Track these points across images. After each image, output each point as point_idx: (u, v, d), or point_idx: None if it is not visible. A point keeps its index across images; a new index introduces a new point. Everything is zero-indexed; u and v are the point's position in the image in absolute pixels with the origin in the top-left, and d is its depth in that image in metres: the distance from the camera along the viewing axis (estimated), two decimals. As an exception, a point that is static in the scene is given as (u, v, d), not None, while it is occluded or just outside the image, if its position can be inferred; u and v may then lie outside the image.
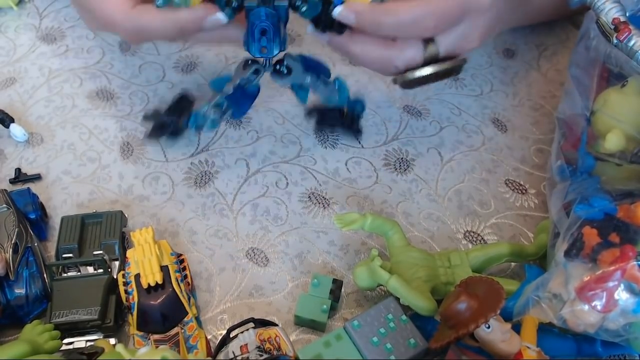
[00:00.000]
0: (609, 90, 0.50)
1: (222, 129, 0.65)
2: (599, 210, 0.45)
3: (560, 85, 0.69)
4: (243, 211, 0.58)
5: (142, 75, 0.70)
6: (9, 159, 0.62)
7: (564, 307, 0.42)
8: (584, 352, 0.44)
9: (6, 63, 0.71)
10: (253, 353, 0.45)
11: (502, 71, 0.71)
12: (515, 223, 0.58)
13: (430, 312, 0.47)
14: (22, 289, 0.50)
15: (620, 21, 0.48)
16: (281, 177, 0.61)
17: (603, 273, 0.42)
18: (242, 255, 0.56)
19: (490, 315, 0.40)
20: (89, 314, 0.48)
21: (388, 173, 0.62)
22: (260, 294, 0.53)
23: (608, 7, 0.49)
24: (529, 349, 0.41)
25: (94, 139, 0.64)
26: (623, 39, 0.48)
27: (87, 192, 0.60)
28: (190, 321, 0.49)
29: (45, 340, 0.45)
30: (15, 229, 0.51)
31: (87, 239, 0.54)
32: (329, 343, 0.46)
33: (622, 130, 0.48)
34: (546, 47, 0.74)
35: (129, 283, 0.50)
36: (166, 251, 0.52)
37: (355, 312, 0.52)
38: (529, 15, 0.69)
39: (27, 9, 0.77)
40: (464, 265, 0.51)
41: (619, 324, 0.42)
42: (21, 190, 0.56)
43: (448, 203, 0.59)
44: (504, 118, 0.67)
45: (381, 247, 0.56)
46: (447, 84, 0.69)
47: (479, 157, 0.63)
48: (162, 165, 0.62)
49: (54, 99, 0.68)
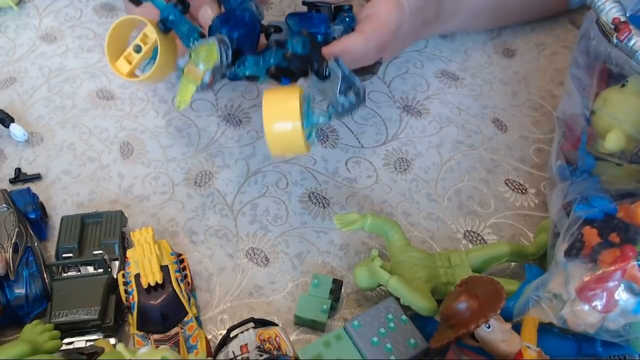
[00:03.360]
0: (609, 90, 0.50)
1: (222, 128, 0.65)
2: (599, 210, 0.45)
3: (560, 85, 0.69)
4: (243, 211, 0.58)
5: (142, 75, 0.70)
6: (9, 159, 0.62)
7: (564, 307, 0.42)
8: (584, 352, 0.44)
9: (6, 63, 0.71)
10: (253, 353, 0.45)
11: (502, 71, 0.71)
12: (515, 223, 0.58)
13: (431, 312, 0.47)
14: (22, 289, 0.50)
15: (620, 21, 0.48)
16: (281, 177, 0.61)
17: (603, 273, 0.42)
18: (242, 255, 0.56)
19: (490, 315, 0.40)
20: (89, 313, 0.48)
21: (388, 173, 0.62)
22: (260, 294, 0.53)
23: (608, 7, 0.49)
24: (529, 348, 0.41)
25: (94, 139, 0.64)
26: (623, 38, 0.48)
27: (87, 192, 0.60)
28: (190, 321, 0.49)
29: (45, 340, 0.45)
30: (15, 229, 0.51)
31: (87, 238, 0.54)
32: (329, 343, 0.46)
33: (622, 130, 0.48)
34: (546, 47, 0.74)
35: (129, 283, 0.50)
36: (166, 251, 0.52)
37: (355, 312, 0.52)
38: (463, 24, 0.72)
39: (27, 8, 0.77)
40: (464, 265, 0.51)
41: (619, 324, 0.42)
42: (21, 190, 0.56)
43: (448, 203, 0.59)
44: (504, 118, 0.67)
45: (381, 247, 0.56)
46: (446, 84, 0.69)
47: (479, 157, 0.63)
48: (162, 165, 0.62)
49: (54, 98, 0.68)
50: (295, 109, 0.47)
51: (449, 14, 0.67)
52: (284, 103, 0.48)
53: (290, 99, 0.48)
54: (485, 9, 0.70)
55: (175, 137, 0.64)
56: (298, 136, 0.48)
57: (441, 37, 0.74)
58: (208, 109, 0.67)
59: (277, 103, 0.48)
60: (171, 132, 0.65)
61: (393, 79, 0.70)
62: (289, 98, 0.48)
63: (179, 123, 0.65)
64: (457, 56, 0.72)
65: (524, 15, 0.75)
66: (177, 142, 0.64)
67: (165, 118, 0.66)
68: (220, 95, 0.68)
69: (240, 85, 0.69)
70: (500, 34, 0.75)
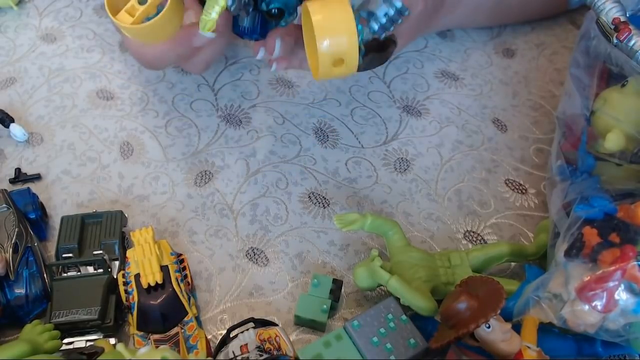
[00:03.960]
0: (609, 90, 0.50)
1: (222, 128, 0.65)
2: (599, 210, 0.45)
3: (560, 85, 0.69)
4: (243, 211, 0.58)
5: (142, 75, 0.70)
6: (9, 159, 0.62)
7: (564, 307, 0.42)
8: (584, 352, 0.44)
9: (6, 63, 0.71)
10: (253, 353, 0.45)
11: (502, 71, 0.71)
12: (515, 223, 0.58)
13: (431, 312, 0.47)
14: (22, 288, 0.50)
15: (620, 21, 0.48)
16: (281, 177, 0.61)
17: (603, 273, 0.42)
18: (242, 255, 0.56)
19: (490, 315, 0.40)
20: (88, 313, 0.48)
21: (388, 173, 0.62)
22: (260, 294, 0.53)
23: (608, 7, 0.49)
24: (529, 348, 0.41)
25: (94, 139, 0.64)
26: (623, 38, 0.48)
27: (87, 192, 0.60)
28: (190, 321, 0.49)
29: (45, 340, 0.45)
30: (15, 229, 0.51)
31: (87, 238, 0.54)
32: (329, 343, 0.46)
33: (622, 130, 0.48)
34: (546, 46, 0.74)
35: (129, 283, 0.50)
36: (166, 251, 0.52)
37: (355, 312, 0.52)
38: (463, 19, 0.72)
39: (27, 8, 0.77)
40: (464, 265, 0.51)
41: (619, 324, 0.42)
42: (21, 190, 0.56)
43: (448, 203, 0.59)
44: (504, 118, 0.67)
45: (381, 247, 0.56)
46: (446, 84, 0.69)
47: (479, 157, 0.63)
48: (162, 165, 0.62)
49: (54, 98, 0.68)
50: (350, 18, 0.42)
51: (451, 4, 0.66)
52: (338, 13, 0.43)
53: (344, 8, 0.42)
54: (484, 4, 0.70)
55: (175, 137, 0.64)
56: (354, 49, 0.43)
57: (441, 37, 0.74)
58: (208, 109, 0.67)
59: (329, 12, 0.43)
60: (171, 132, 0.65)
61: (393, 79, 0.70)
62: (341, 7, 0.43)
63: (179, 123, 0.65)
64: (457, 56, 0.72)
65: (524, 13, 0.75)
66: (177, 142, 0.64)
67: (165, 118, 0.66)
68: (220, 95, 0.68)
69: (240, 85, 0.69)
70: (500, 34, 0.75)
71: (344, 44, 0.43)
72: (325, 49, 0.43)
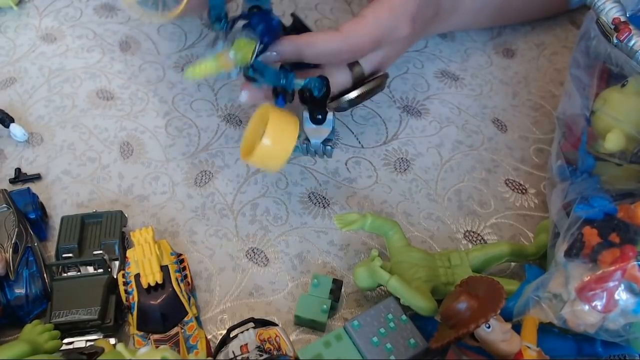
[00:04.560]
0: (609, 90, 0.50)
1: (222, 128, 0.65)
2: (599, 210, 0.45)
3: (560, 85, 0.69)
4: (243, 211, 0.58)
5: (142, 75, 0.70)
6: (9, 159, 0.62)
7: (564, 307, 0.42)
8: (584, 352, 0.44)
9: (6, 63, 0.71)
10: (253, 353, 0.45)
11: (502, 71, 0.71)
12: (515, 223, 0.58)
13: (431, 312, 0.47)
14: (22, 289, 0.50)
15: (620, 21, 0.48)
16: (281, 177, 0.61)
17: (603, 273, 0.42)
18: (242, 255, 0.56)
19: (490, 315, 0.40)
20: (88, 313, 0.48)
21: (388, 173, 0.62)
22: (260, 294, 0.53)
23: (608, 7, 0.49)
24: (529, 349, 0.41)
25: (94, 139, 0.64)
26: (623, 38, 0.48)
27: (87, 192, 0.60)
28: (190, 321, 0.49)
29: (45, 340, 0.45)
30: (15, 229, 0.51)
31: (87, 238, 0.54)
32: (329, 343, 0.46)
33: (622, 130, 0.48)
34: (546, 47, 0.74)
35: (129, 283, 0.50)
36: (166, 251, 0.52)
37: (355, 312, 0.52)
38: (460, 25, 0.72)
39: (27, 8, 0.77)
40: (464, 265, 0.51)
41: (619, 324, 0.42)
42: (21, 190, 0.56)
43: (448, 203, 0.59)
44: (504, 118, 0.67)
45: (381, 247, 0.56)
46: (446, 84, 0.69)
47: (479, 157, 0.63)
48: (162, 165, 0.62)
49: (54, 99, 0.68)
50: (293, 139, 0.50)
51: (447, 13, 0.67)
52: (286, 134, 0.50)
53: (293, 129, 0.51)
54: (485, 9, 0.70)
55: (175, 137, 0.64)
56: (283, 160, 0.50)
57: (441, 37, 0.74)
58: (208, 109, 0.67)
59: (281, 127, 0.50)
60: (171, 132, 0.65)
61: (393, 79, 0.70)
62: (291, 129, 0.51)
63: (179, 123, 0.65)
64: (457, 56, 0.72)
65: (524, 15, 0.75)
66: (177, 142, 0.64)
67: (165, 118, 0.66)
68: (220, 95, 0.68)
69: (240, 85, 0.69)
70: (500, 34, 0.75)
71: (275, 165, 0.52)
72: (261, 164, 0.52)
